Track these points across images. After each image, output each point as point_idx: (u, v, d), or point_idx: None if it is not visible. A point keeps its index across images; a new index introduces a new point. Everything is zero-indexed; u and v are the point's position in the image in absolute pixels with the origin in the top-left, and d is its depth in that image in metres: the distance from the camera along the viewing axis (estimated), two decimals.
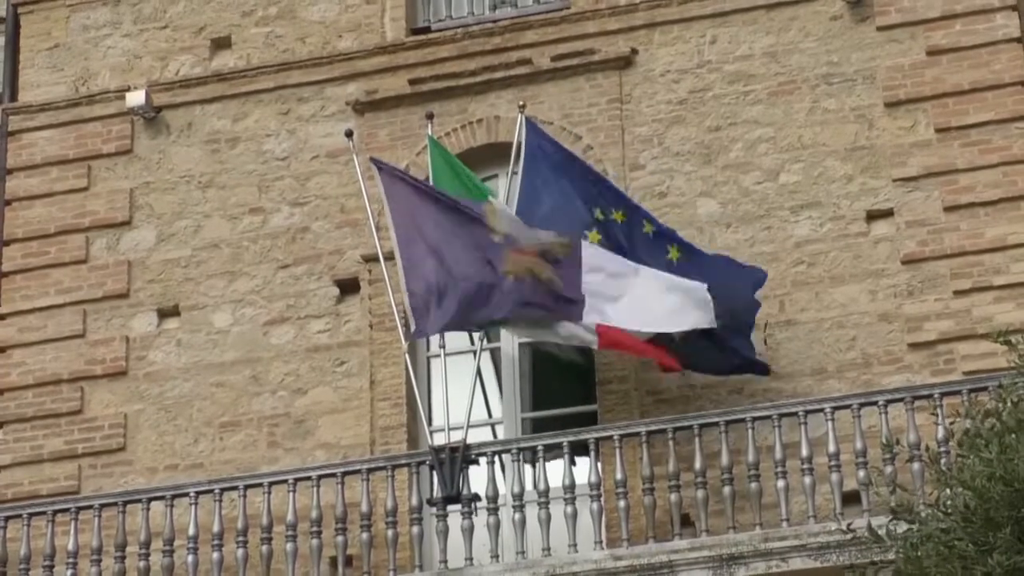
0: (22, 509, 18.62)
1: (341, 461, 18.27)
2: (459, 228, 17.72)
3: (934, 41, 18.77)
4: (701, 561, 16.76)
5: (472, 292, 17.54)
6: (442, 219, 17.78)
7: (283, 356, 19.31)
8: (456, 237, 17.70)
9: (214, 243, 19.88)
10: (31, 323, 19.97)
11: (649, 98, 19.29)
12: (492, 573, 17.18)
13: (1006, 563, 10.97)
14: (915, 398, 16.95)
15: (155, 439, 19.30)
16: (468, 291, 17.52)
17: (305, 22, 20.51)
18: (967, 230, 18.06)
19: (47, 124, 20.71)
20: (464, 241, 17.67)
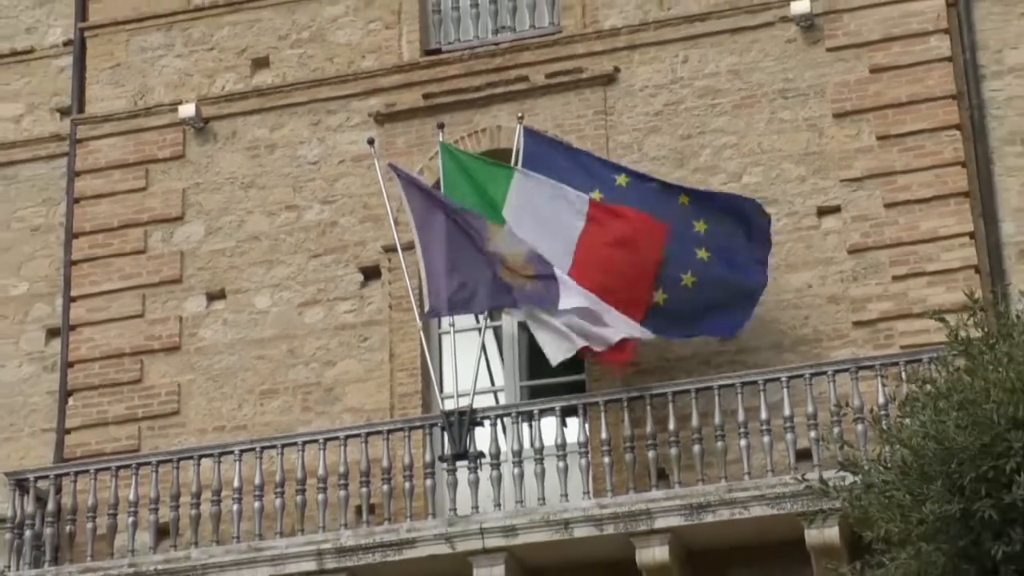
0: (90, 465, 18.74)
1: (365, 423, 18.33)
2: (463, 234, 17.77)
3: (876, 60, 18.77)
4: (674, 509, 16.80)
5: (477, 284, 17.63)
6: (448, 223, 17.83)
7: (315, 333, 19.34)
8: (461, 238, 17.75)
9: (255, 236, 19.91)
10: (97, 305, 19.99)
11: (630, 110, 19.29)
12: (495, 519, 17.21)
13: (938, 511, 10.98)
14: (859, 368, 17.01)
15: (204, 404, 19.35)
16: (474, 282, 17.61)
17: (333, 44, 20.51)
18: (904, 224, 18.08)
19: (110, 133, 20.70)
20: (466, 244, 17.72)
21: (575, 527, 17.08)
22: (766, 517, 16.63)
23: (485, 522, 17.23)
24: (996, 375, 11.07)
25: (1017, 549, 10.60)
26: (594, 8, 19.83)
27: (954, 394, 11.41)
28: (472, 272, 17.69)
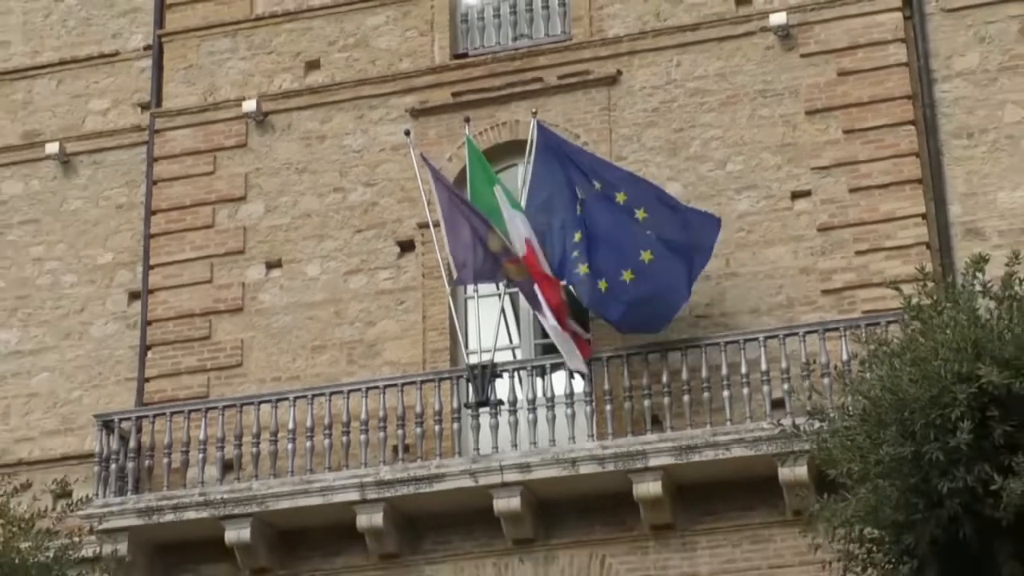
0: (166, 409, 18.83)
1: (401, 375, 18.37)
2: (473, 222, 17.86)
3: (843, 65, 18.70)
4: (666, 450, 16.84)
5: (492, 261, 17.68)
6: (466, 210, 17.90)
7: (358, 297, 19.33)
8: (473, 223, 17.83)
9: (307, 213, 19.89)
10: (172, 272, 19.99)
11: (630, 107, 19.24)
12: (512, 458, 17.26)
13: (892, 453, 10.97)
14: (826, 330, 17.02)
15: (264, 358, 19.36)
16: (492, 259, 17.64)
17: (375, 49, 20.46)
18: (865, 206, 18.04)
19: (183, 124, 20.67)
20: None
21: (581, 465, 17.11)
22: (745, 457, 16.67)
23: (504, 460, 17.28)
24: (943, 336, 11.06)
25: (960, 485, 10.59)
26: (600, 19, 19.76)
27: (907, 353, 11.40)
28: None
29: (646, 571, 17.21)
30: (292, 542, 18.18)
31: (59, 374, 20.00)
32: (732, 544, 17.06)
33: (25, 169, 21.14)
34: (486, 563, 17.65)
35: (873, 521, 11.54)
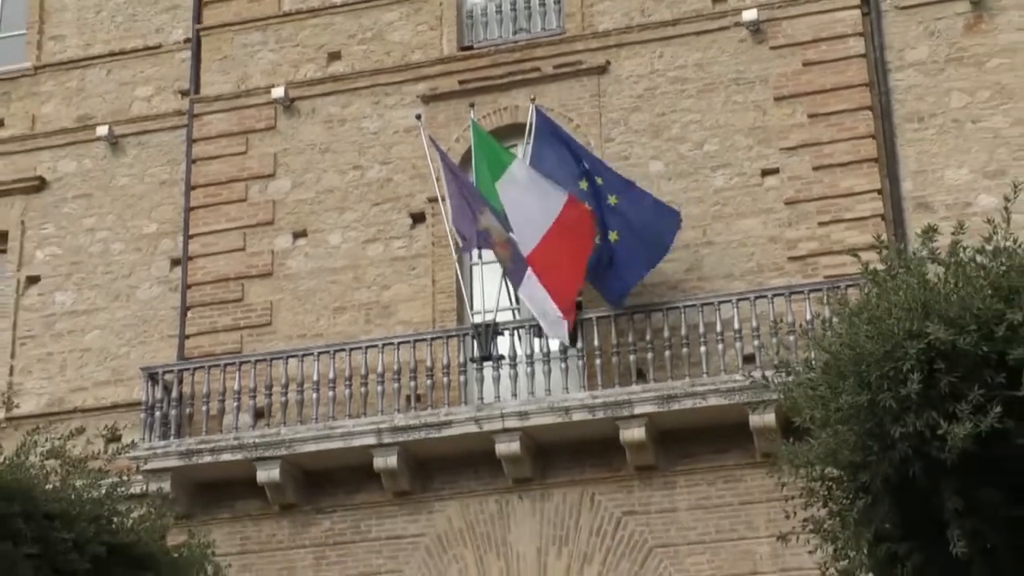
0: (204, 363, 18.89)
1: (413, 333, 18.40)
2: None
3: (807, 56, 18.70)
4: (649, 399, 16.90)
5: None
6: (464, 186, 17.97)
7: (375, 264, 19.34)
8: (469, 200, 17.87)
9: (329, 189, 19.89)
10: (209, 240, 20.02)
11: (617, 94, 19.23)
12: (512, 406, 17.31)
13: (850, 401, 10.98)
14: (792, 293, 17.08)
15: (291, 318, 19.38)
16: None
17: (390, 42, 20.44)
18: (827, 182, 18.06)
19: (219, 109, 20.66)
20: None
21: (573, 413, 17.17)
22: (720, 406, 16.73)
23: (505, 409, 17.33)
24: (896, 298, 11.06)
25: (910, 430, 10.60)
26: (590, 15, 19.74)
27: (864, 312, 11.40)
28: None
29: (631, 507, 17.27)
30: (316, 481, 18.23)
31: (109, 331, 20.05)
32: (707, 483, 17.13)
33: (79, 149, 21.14)
34: (489, 500, 17.71)
35: (832, 462, 11.56)
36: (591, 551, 17.22)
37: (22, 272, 20.67)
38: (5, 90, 21.86)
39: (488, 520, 17.64)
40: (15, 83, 21.84)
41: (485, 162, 18.12)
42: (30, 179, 21.04)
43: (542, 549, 17.38)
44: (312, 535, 18.14)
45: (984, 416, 10.29)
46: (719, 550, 16.81)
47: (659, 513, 17.15)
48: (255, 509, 18.32)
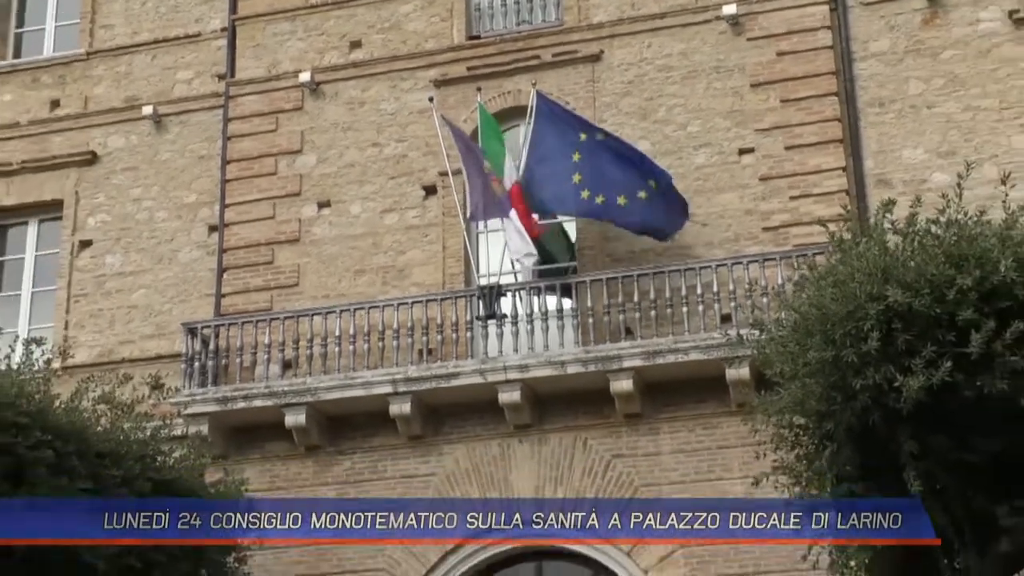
0: (238, 319, 18.86)
1: (425, 294, 18.40)
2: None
3: (781, 47, 18.65)
4: (636, 354, 16.90)
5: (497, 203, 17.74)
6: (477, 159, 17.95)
7: (391, 231, 19.33)
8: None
9: (350, 163, 19.86)
10: (243, 209, 20.01)
11: (610, 80, 19.17)
12: (514, 360, 17.33)
13: (816, 357, 10.99)
14: (765, 260, 17.07)
15: (316, 279, 19.37)
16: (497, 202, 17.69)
17: (406, 32, 20.37)
18: (798, 161, 18.05)
19: (252, 91, 20.61)
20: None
21: (568, 366, 17.17)
22: (699, 361, 16.73)
23: (507, 362, 17.34)
24: (859, 264, 11.06)
25: (870, 382, 10.62)
26: (586, 8, 19.66)
27: (830, 277, 11.40)
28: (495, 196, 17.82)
29: (619, 451, 17.30)
30: (338, 425, 18.25)
31: (153, 290, 20.07)
32: (688, 429, 17.14)
33: (126, 127, 21.11)
34: (492, 444, 17.74)
35: (800, 411, 11.57)
36: (583, 489, 17.23)
37: (76, 237, 20.68)
38: (61, 74, 21.84)
39: (491, 462, 17.67)
40: (70, 67, 21.82)
41: (490, 140, 18.14)
42: (83, 154, 21.02)
43: (540, 488, 17.40)
44: (334, 474, 18.17)
45: (936, 370, 10.32)
46: (698, 489, 16.80)
47: (644, 456, 17.18)
48: (283, 450, 18.35)
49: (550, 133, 17.92)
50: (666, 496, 16.82)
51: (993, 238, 10.79)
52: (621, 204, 17.45)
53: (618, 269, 17.80)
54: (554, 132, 17.91)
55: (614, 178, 17.54)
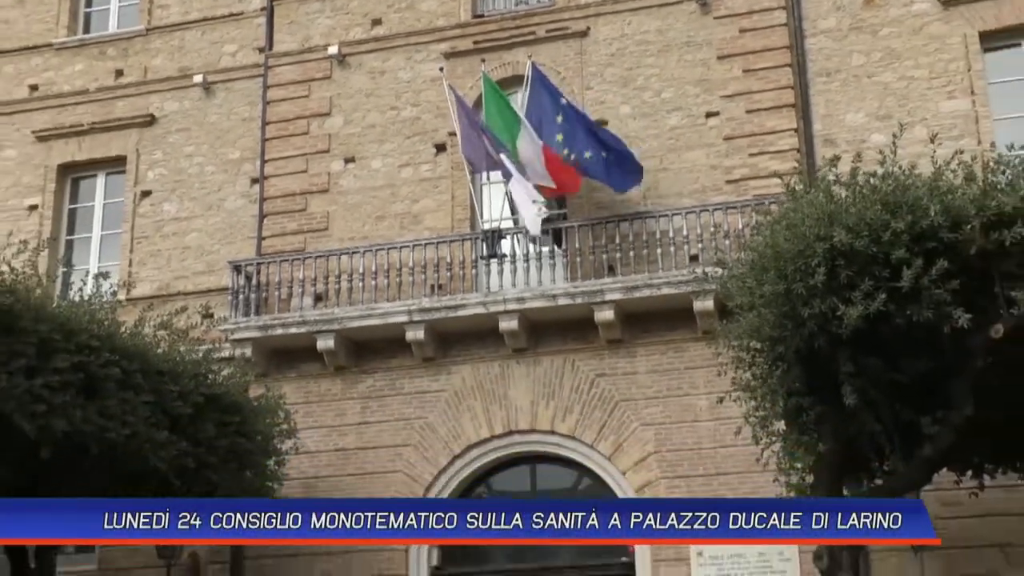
0: (276, 258, 18.85)
1: (436, 236, 18.38)
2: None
3: (743, 25, 18.47)
4: (617, 289, 16.90)
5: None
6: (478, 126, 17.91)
7: (407, 183, 19.26)
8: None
9: (372, 125, 19.74)
10: (280, 164, 19.89)
11: (596, 53, 19.01)
12: (512, 293, 17.33)
13: (770, 289, 11.04)
14: (728, 208, 17.03)
15: (343, 224, 19.33)
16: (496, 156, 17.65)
17: (420, 11, 20.17)
18: (756, 123, 17.95)
19: (287, 62, 20.44)
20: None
21: (559, 298, 17.18)
22: (671, 294, 16.75)
23: (506, 295, 17.33)
24: (808, 210, 11.08)
25: (816, 311, 10.67)
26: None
27: (783, 221, 11.42)
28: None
29: (602, 371, 17.35)
30: (361, 349, 18.29)
31: (204, 233, 20.05)
32: (660, 353, 17.17)
33: (180, 93, 21.00)
34: (493, 364, 17.78)
35: (756, 336, 11.64)
36: (571, 403, 17.33)
37: (137, 188, 20.63)
38: (124, 47, 21.70)
39: (493, 379, 17.74)
40: (131, 42, 21.68)
41: (493, 106, 18.04)
42: (143, 116, 20.93)
43: (534, 401, 17.50)
44: (359, 390, 18.25)
45: (872, 302, 10.40)
46: (668, 403, 16.93)
47: (623, 375, 17.25)
48: (315, 370, 18.39)
49: (543, 98, 17.87)
50: (642, 408, 16.96)
51: (923, 188, 10.84)
52: (588, 158, 17.41)
53: (601, 216, 17.76)
54: (546, 97, 17.86)
55: (584, 138, 17.50)
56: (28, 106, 21.57)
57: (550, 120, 17.61)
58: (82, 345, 13.16)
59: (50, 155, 21.11)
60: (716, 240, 16.69)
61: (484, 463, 17.64)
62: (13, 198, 21.02)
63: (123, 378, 13.55)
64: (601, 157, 17.42)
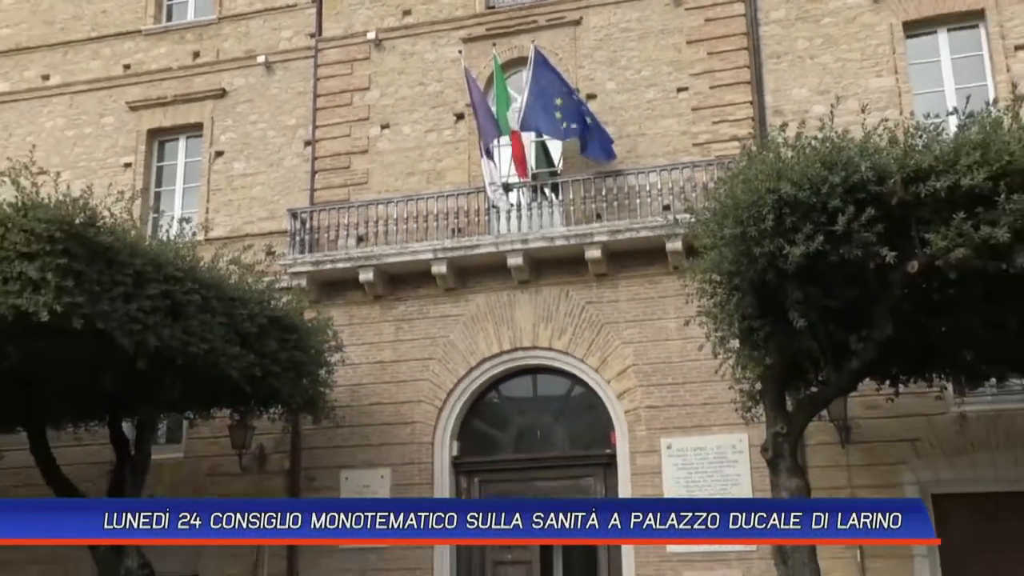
0: (325, 207, 18.77)
1: (456, 189, 18.23)
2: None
3: (708, 15, 18.18)
4: (603, 232, 16.88)
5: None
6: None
7: (432, 146, 19.08)
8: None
9: (404, 97, 19.50)
10: (328, 129, 19.66)
11: (587, 38, 18.73)
12: (517, 236, 17.28)
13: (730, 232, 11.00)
14: (695, 166, 16.89)
15: (380, 179, 19.18)
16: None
17: (442, 3, 19.83)
18: (718, 96, 17.71)
19: (334, 46, 20.15)
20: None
21: (556, 240, 17.14)
22: (648, 236, 16.68)
23: (513, 237, 17.29)
24: (761, 167, 11.01)
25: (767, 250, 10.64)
26: None
27: (740, 176, 11.36)
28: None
29: (591, 299, 17.33)
30: (395, 281, 18.26)
31: (266, 186, 19.92)
32: (638, 285, 17.14)
33: (246, 71, 20.74)
34: (502, 294, 17.77)
35: (717, 271, 11.63)
36: (566, 325, 17.36)
37: (212, 149, 20.47)
38: (200, 33, 21.44)
39: (502, 306, 17.75)
40: (206, 28, 21.42)
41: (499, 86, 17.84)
42: (216, 90, 20.73)
43: (535, 324, 17.53)
44: (393, 314, 18.27)
45: (812, 242, 10.36)
46: (644, 325, 16.96)
47: (608, 303, 17.25)
48: (358, 298, 18.38)
49: (543, 78, 17.64)
50: (623, 329, 16.98)
51: (854, 150, 10.77)
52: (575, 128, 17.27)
53: (591, 173, 17.63)
54: (546, 78, 17.63)
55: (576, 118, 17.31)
56: (122, 82, 21.38)
57: (551, 98, 17.37)
58: (169, 276, 13.18)
59: (141, 122, 20.96)
60: (685, 192, 16.59)
61: (494, 373, 17.70)
62: (111, 157, 20.93)
63: (202, 303, 13.58)
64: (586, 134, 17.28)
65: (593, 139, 17.41)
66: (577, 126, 17.23)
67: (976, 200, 10.05)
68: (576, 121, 17.26)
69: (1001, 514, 14.79)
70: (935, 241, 10.13)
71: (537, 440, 17.55)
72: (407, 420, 17.60)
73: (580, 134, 17.29)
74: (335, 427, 17.32)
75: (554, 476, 16.87)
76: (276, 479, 17.83)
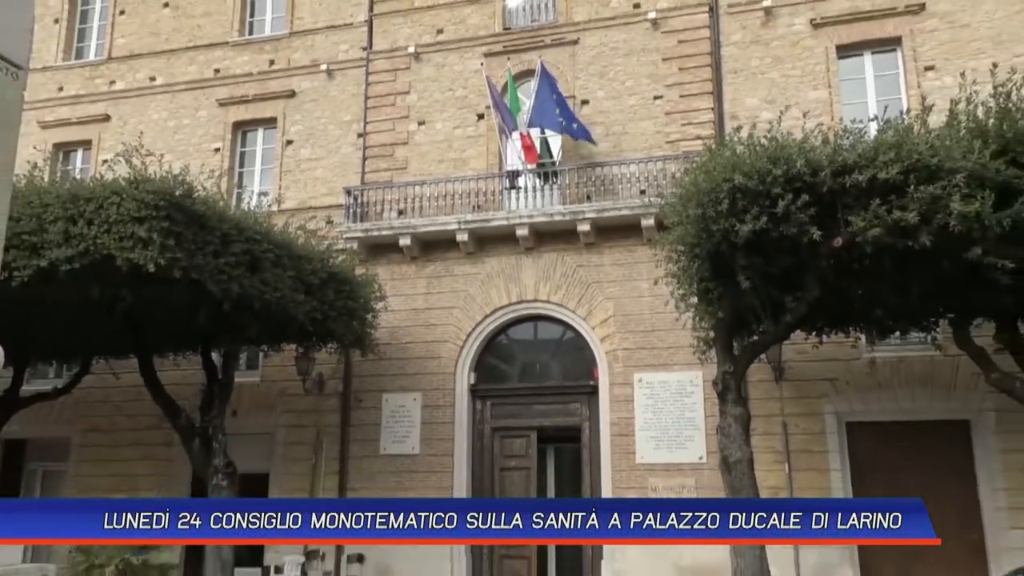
0: (373, 186, 18.59)
1: (477, 174, 18.06)
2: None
3: (680, 37, 17.88)
4: (593, 210, 16.74)
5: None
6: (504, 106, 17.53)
7: (459, 139, 18.91)
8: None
9: (436, 100, 19.32)
10: (376, 125, 19.50)
11: (583, 55, 18.48)
12: (524, 212, 17.13)
13: (693, 213, 10.93)
14: (666, 159, 16.70)
15: (416, 164, 19.05)
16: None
17: (468, 24, 19.59)
18: (686, 104, 17.47)
19: (382, 57, 19.90)
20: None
21: (554, 216, 17.03)
22: (628, 214, 16.54)
23: (521, 213, 17.17)
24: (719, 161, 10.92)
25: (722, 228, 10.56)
26: (570, 12, 18.85)
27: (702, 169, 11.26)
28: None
29: (581, 263, 17.24)
30: (429, 246, 18.18)
31: (327, 169, 19.80)
32: (619, 252, 17.05)
33: (311, 77, 20.48)
34: (511, 258, 17.62)
35: (681, 243, 11.58)
36: (562, 283, 17.33)
37: (284, 138, 20.31)
38: (274, 45, 21.20)
39: (511, 267, 17.71)
40: (279, 41, 21.18)
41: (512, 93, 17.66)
42: (287, 91, 20.55)
43: (537, 282, 17.50)
44: (426, 272, 18.25)
45: (758, 222, 10.29)
46: (623, 285, 16.92)
47: (595, 267, 17.19)
48: (398, 259, 18.33)
49: (547, 88, 17.44)
50: (606, 287, 16.95)
51: (794, 148, 10.66)
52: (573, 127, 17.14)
53: (583, 162, 17.48)
54: (548, 88, 17.43)
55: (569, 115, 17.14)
56: (213, 83, 21.21)
57: (552, 103, 17.22)
58: (249, 238, 13.21)
59: (227, 116, 20.81)
60: (658, 180, 16.47)
61: (504, 320, 17.71)
62: (204, 143, 20.82)
63: (275, 260, 13.61)
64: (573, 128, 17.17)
65: (580, 128, 17.32)
66: (576, 125, 17.08)
67: (890, 190, 10.00)
68: (572, 120, 17.11)
69: (899, 438, 14.91)
70: (856, 222, 10.08)
71: (536, 373, 17.63)
72: (435, 355, 17.62)
73: (570, 130, 17.17)
74: (378, 359, 17.41)
75: (549, 401, 16.96)
76: (331, 400, 17.98)
